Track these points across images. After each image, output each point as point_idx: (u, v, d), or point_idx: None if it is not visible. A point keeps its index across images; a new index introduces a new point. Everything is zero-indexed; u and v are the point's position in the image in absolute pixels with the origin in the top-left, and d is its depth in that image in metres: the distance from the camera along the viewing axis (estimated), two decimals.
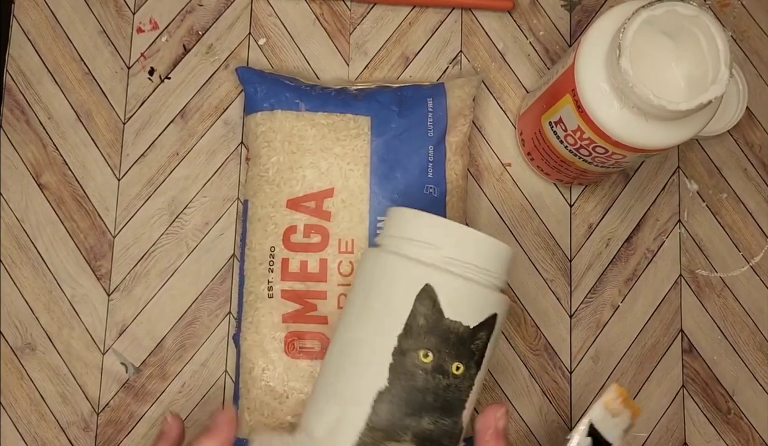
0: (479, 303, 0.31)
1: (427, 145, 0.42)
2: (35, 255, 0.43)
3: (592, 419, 0.33)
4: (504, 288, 0.33)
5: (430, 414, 0.30)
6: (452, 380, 0.30)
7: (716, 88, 0.31)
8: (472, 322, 0.30)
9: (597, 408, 0.34)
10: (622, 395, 0.34)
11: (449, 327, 0.30)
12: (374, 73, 0.46)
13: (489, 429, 0.32)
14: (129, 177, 0.44)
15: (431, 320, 0.30)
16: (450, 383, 0.30)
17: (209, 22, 0.46)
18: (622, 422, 0.34)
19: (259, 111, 0.42)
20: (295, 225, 0.40)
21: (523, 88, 0.47)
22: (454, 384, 0.30)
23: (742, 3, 0.49)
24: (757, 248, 0.46)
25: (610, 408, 0.34)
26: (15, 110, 0.44)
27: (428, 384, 0.30)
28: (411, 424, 0.29)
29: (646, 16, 0.32)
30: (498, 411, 0.32)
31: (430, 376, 0.30)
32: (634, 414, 0.34)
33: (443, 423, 0.30)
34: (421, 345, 0.30)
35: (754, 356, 0.45)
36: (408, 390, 0.29)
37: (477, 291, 0.31)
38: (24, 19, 0.45)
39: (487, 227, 0.45)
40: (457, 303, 0.30)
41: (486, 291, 0.31)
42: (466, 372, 0.30)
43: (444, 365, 0.30)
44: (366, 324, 0.31)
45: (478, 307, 0.30)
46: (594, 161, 0.38)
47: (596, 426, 0.34)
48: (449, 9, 0.47)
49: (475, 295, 0.31)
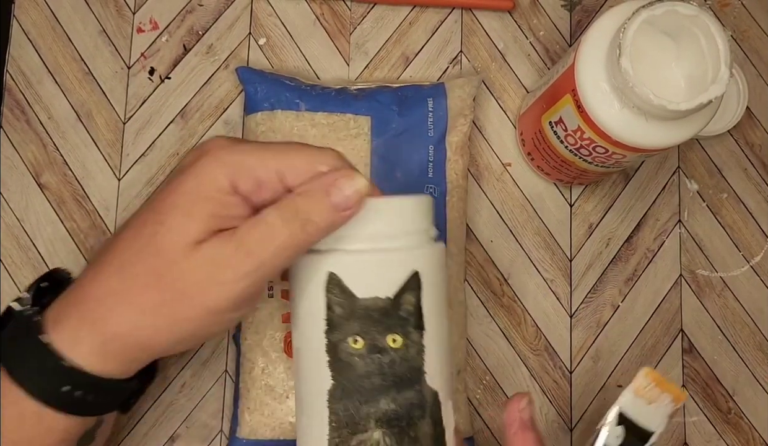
0: (390, 270, 0.29)
1: (428, 145, 0.42)
2: (35, 256, 0.43)
3: (621, 408, 0.32)
4: (428, 237, 0.31)
5: (384, 394, 0.29)
6: (393, 354, 0.29)
7: (716, 88, 0.31)
8: (390, 292, 0.29)
9: (626, 396, 0.32)
10: (654, 380, 0.33)
11: (367, 306, 0.29)
12: (374, 73, 0.46)
13: (515, 423, 0.31)
14: (129, 177, 0.44)
15: (346, 306, 0.29)
16: (393, 358, 0.29)
17: (209, 22, 0.46)
18: (663, 407, 0.32)
19: (260, 111, 0.42)
20: None
21: (524, 88, 0.47)
22: (399, 357, 0.29)
23: (742, 3, 0.49)
24: (757, 248, 0.46)
25: (642, 395, 0.33)
26: (15, 110, 0.44)
27: (369, 367, 0.29)
28: (370, 411, 0.29)
29: (646, 16, 0.32)
30: (520, 401, 0.31)
31: (369, 359, 0.29)
32: (677, 398, 0.33)
33: (404, 398, 0.29)
34: (347, 333, 0.29)
35: (754, 356, 0.45)
36: (353, 380, 0.29)
37: (383, 259, 0.30)
38: (24, 18, 0.45)
39: (487, 227, 0.45)
40: (366, 280, 0.29)
41: (395, 256, 0.30)
42: (406, 340, 0.29)
43: (378, 343, 0.29)
44: (299, 331, 0.31)
45: (390, 275, 0.29)
46: (594, 161, 0.38)
47: (628, 415, 0.33)
48: (449, 9, 0.47)
49: (382, 265, 0.30)
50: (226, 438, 0.42)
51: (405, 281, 0.29)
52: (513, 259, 0.45)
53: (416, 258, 0.30)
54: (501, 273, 0.45)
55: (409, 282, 0.30)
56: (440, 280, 0.31)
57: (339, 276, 0.29)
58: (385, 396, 0.29)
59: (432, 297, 0.30)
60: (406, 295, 0.30)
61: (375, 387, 0.29)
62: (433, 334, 0.30)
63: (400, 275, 0.29)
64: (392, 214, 0.30)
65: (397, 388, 0.29)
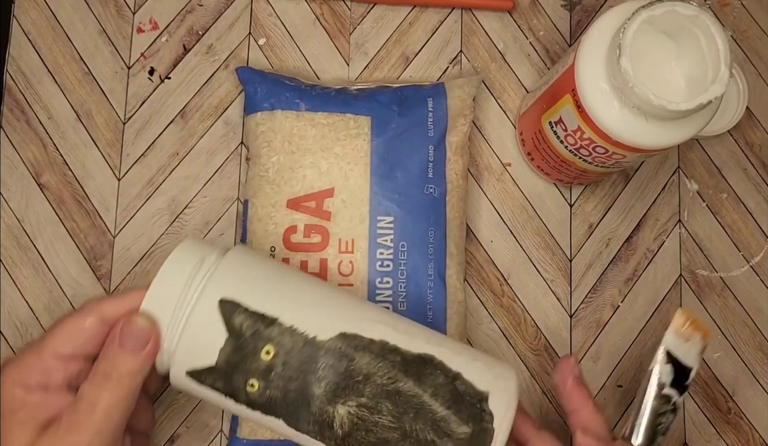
0: (205, 324, 0.30)
1: (428, 145, 0.42)
2: (35, 256, 0.43)
3: (667, 347, 0.35)
4: (208, 266, 0.32)
5: (315, 382, 0.30)
6: (277, 359, 0.30)
7: (716, 88, 0.31)
8: (222, 335, 0.30)
9: (669, 335, 0.35)
10: (689, 319, 0.35)
11: (225, 360, 0.30)
12: (374, 73, 0.46)
13: (568, 379, 0.34)
14: (129, 177, 0.44)
15: (212, 375, 0.30)
16: (279, 360, 0.30)
17: (209, 22, 0.46)
18: (696, 345, 0.35)
19: (259, 111, 0.42)
20: (296, 225, 0.40)
21: (523, 88, 0.47)
22: (281, 359, 0.30)
23: (742, 3, 0.49)
24: (757, 248, 0.46)
25: (680, 334, 0.34)
26: (15, 110, 0.44)
27: (276, 384, 0.30)
28: (321, 402, 0.30)
29: (646, 16, 0.32)
30: (570, 360, 0.35)
31: (272, 380, 0.30)
32: (705, 335, 0.35)
33: (328, 370, 0.31)
34: (238, 384, 0.30)
35: (754, 356, 0.45)
36: (284, 403, 0.31)
37: (192, 322, 0.30)
38: (24, 19, 0.45)
39: (487, 227, 0.45)
40: (203, 348, 0.30)
41: (196, 311, 0.30)
42: (274, 340, 0.30)
43: (259, 367, 0.30)
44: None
45: (209, 324, 0.30)
46: (594, 161, 0.38)
47: (673, 353, 0.35)
48: (449, 9, 0.47)
49: (197, 327, 0.30)
50: (226, 438, 0.42)
51: (222, 317, 0.30)
52: (513, 259, 0.45)
53: (215, 289, 0.31)
54: (501, 273, 0.45)
55: (225, 312, 0.30)
56: (251, 275, 0.32)
57: (190, 369, 0.31)
58: (316, 383, 0.30)
59: (257, 293, 0.31)
60: (234, 322, 0.30)
61: (302, 387, 0.30)
62: (290, 310, 0.31)
63: (214, 316, 0.30)
64: (161, 290, 0.31)
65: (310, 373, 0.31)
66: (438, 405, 0.30)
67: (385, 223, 0.41)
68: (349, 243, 0.40)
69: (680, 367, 0.35)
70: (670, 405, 0.35)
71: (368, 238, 0.40)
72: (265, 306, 0.31)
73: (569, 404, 0.34)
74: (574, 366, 0.34)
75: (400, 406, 0.30)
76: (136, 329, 0.30)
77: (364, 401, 0.30)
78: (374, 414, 0.30)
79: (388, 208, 0.41)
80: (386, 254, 0.40)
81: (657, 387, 0.35)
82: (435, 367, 0.31)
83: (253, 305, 0.31)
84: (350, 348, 0.31)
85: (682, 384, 0.35)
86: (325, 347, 0.30)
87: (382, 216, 0.41)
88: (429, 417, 0.30)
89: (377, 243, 0.40)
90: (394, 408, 0.30)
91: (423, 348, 0.31)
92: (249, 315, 0.30)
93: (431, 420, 0.30)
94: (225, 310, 0.30)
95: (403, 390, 0.30)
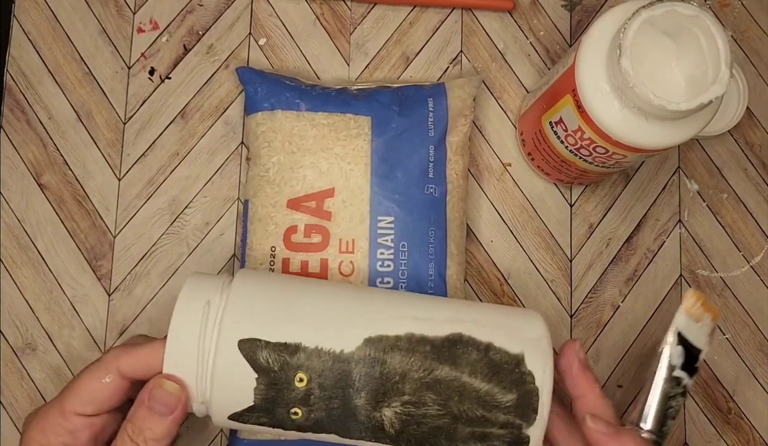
0: (235, 375, 0.30)
1: (428, 145, 0.42)
2: (35, 255, 0.43)
3: (678, 327, 0.34)
4: (215, 309, 0.32)
5: (355, 395, 0.31)
6: (313, 373, 0.30)
7: (716, 88, 0.31)
8: (250, 377, 0.30)
9: (680, 316, 0.34)
10: (700, 299, 0.34)
11: (261, 398, 0.30)
12: (374, 73, 0.46)
13: (573, 364, 0.33)
14: (129, 177, 0.44)
15: (255, 416, 0.31)
16: (316, 381, 0.30)
17: (209, 22, 0.46)
18: (706, 326, 0.34)
19: (260, 111, 0.42)
20: (296, 225, 0.40)
21: (524, 88, 0.47)
22: (317, 372, 0.30)
23: (742, 3, 0.49)
24: (757, 248, 0.46)
25: (691, 314, 0.34)
26: (15, 110, 0.44)
27: (321, 404, 0.31)
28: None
29: (647, 16, 0.32)
30: (574, 345, 0.34)
31: (318, 396, 0.31)
32: (715, 316, 0.34)
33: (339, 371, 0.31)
34: (286, 410, 0.31)
35: (754, 356, 0.45)
36: (336, 417, 0.31)
37: (219, 372, 0.30)
38: (24, 19, 0.45)
39: (487, 227, 0.45)
40: (236, 391, 0.30)
41: (216, 358, 0.30)
42: (298, 365, 0.30)
43: (291, 390, 0.30)
44: None
45: (236, 384, 0.30)
46: (594, 161, 0.38)
47: (684, 334, 0.34)
48: (449, 9, 0.47)
49: (228, 376, 0.30)
50: (227, 438, 0.42)
51: (246, 358, 0.30)
52: (513, 259, 0.45)
53: (231, 332, 0.30)
54: (501, 273, 0.45)
55: (247, 353, 0.30)
56: (262, 305, 0.32)
57: (231, 414, 0.31)
58: (356, 395, 0.30)
59: (273, 323, 0.31)
60: (259, 360, 0.30)
61: (343, 403, 0.30)
62: (310, 332, 0.31)
63: (237, 359, 0.30)
64: (178, 347, 0.31)
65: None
66: (478, 381, 0.30)
67: (385, 223, 0.41)
68: (350, 244, 0.40)
69: (690, 349, 0.34)
70: (680, 387, 0.34)
71: (369, 238, 0.40)
72: (285, 334, 0.30)
73: (575, 389, 0.34)
74: (579, 350, 0.34)
75: (443, 394, 0.30)
76: (165, 394, 0.30)
77: (406, 398, 0.30)
78: (420, 408, 0.30)
79: (389, 208, 0.41)
80: (387, 254, 0.40)
81: (668, 370, 0.34)
82: (465, 344, 0.31)
83: (273, 337, 0.30)
84: (379, 351, 0.30)
85: (691, 366, 0.34)
86: (354, 358, 0.30)
87: (382, 216, 0.41)
88: (473, 395, 0.30)
89: (378, 244, 0.40)
90: (438, 397, 0.30)
91: (449, 329, 0.31)
92: (272, 349, 0.30)
93: (476, 397, 0.30)
94: (246, 351, 0.30)
95: (442, 378, 0.30)
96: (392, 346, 0.31)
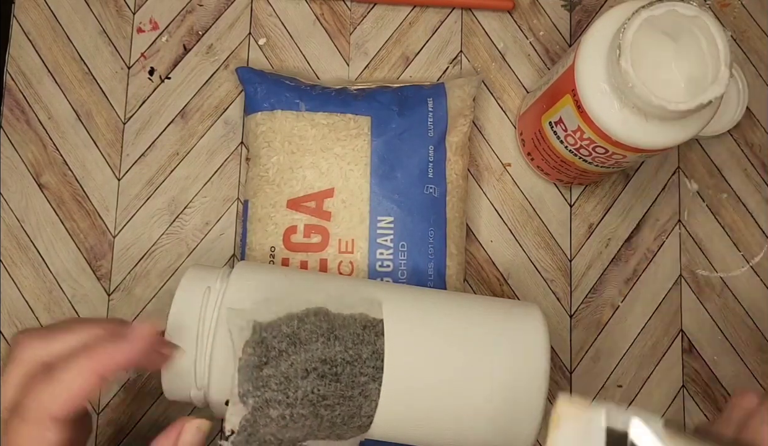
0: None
1: (428, 145, 0.42)
2: (35, 256, 0.43)
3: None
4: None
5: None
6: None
7: (716, 88, 0.31)
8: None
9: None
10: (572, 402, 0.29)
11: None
12: (374, 73, 0.46)
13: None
14: (129, 177, 0.44)
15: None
16: None
17: (209, 22, 0.46)
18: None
19: (259, 111, 0.42)
20: (296, 226, 0.40)
21: (523, 88, 0.47)
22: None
23: (742, 3, 0.49)
24: (757, 248, 0.46)
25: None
26: (15, 110, 0.44)
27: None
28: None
29: (646, 16, 0.32)
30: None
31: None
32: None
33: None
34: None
35: (754, 356, 0.45)
36: None
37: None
38: (24, 19, 0.45)
39: (487, 227, 0.45)
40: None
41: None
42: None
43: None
44: None
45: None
46: (594, 161, 0.38)
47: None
48: (449, 9, 0.47)
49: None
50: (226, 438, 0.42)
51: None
52: (513, 259, 0.45)
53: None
54: (501, 273, 0.45)
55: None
56: (255, 288, 0.33)
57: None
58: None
59: None
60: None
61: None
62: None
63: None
64: (173, 338, 0.32)
65: None
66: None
67: (385, 223, 0.41)
68: (349, 244, 0.40)
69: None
70: None
71: (368, 238, 0.40)
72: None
73: None
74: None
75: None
76: (191, 435, 0.30)
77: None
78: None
79: (388, 208, 0.41)
80: (386, 254, 0.40)
81: None
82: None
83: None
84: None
85: None
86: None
87: (382, 216, 0.41)
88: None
89: (377, 244, 0.40)
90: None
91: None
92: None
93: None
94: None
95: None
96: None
